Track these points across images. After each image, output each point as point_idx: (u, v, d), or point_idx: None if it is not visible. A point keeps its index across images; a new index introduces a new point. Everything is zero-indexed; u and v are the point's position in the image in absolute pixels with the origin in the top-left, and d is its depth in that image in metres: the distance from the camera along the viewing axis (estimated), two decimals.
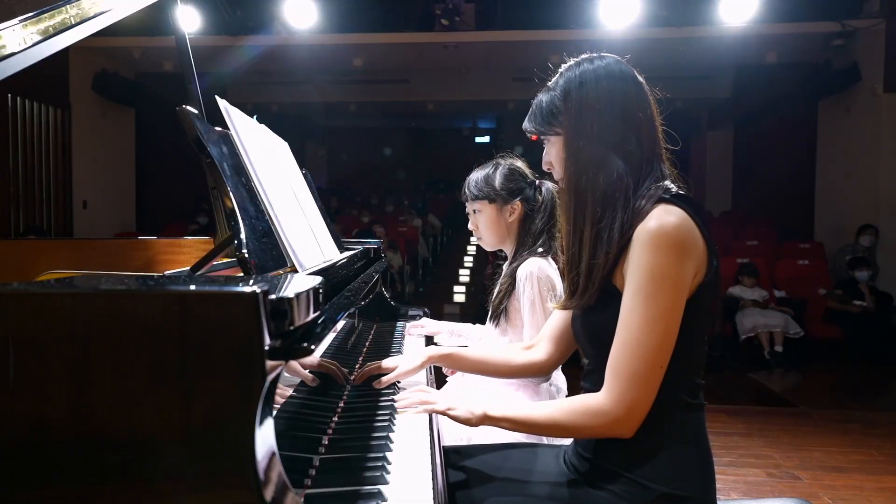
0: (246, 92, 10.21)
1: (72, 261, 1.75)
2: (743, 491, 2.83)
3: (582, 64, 1.13)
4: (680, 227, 0.99)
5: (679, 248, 0.98)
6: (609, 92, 1.09)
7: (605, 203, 1.07)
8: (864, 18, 6.74)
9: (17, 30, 0.86)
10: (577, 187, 1.10)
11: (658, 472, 1.01)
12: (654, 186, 1.05)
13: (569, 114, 1.11)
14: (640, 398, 0.99)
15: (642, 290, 0.98)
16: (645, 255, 0.99)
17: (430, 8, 7.45)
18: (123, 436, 0.59)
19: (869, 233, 6.72)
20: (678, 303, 0.99)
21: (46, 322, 0.58)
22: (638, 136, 1.09)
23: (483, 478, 1.18)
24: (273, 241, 1.05)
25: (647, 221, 1.00)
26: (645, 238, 0.99)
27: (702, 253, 1.01)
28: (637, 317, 0.98)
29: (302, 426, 0.99)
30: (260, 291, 0.60)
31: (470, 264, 10.33)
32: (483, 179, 1.81)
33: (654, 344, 0.97)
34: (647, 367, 0.98)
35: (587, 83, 1.10)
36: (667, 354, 0.99)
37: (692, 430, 1.05)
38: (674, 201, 1.02)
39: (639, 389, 0.98)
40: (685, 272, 0.99)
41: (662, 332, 0.97)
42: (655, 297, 0.97)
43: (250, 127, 1.20)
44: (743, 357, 5.79)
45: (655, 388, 0.99)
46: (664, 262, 0.98)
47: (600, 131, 1.08)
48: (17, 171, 6.92)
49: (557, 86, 1.14)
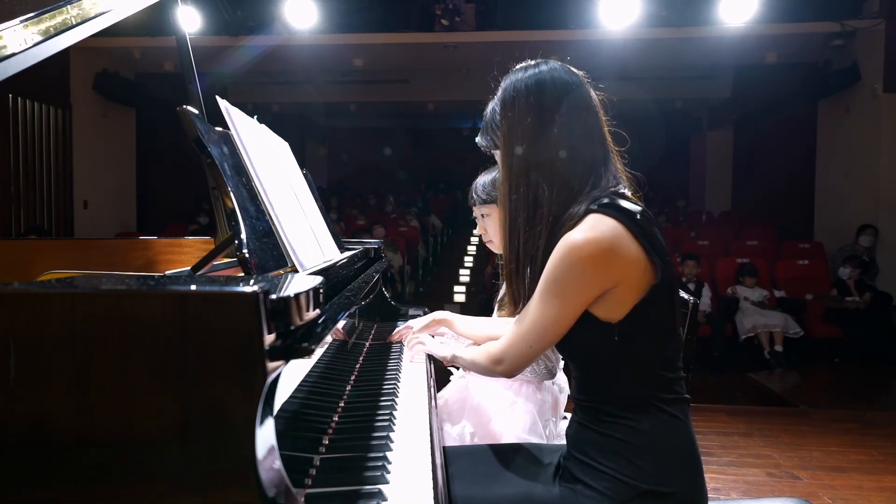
0: (246, 92, 10.21)
1: (72, 261, 1.76)
2: (743, 491, 2.83)
3: (517, 73, 1.14)
4: (598, 242, 1.01)
5: (588, 263, 1.01)
6: (539, 100, 1.10)
7: (535, 220, 1.10)
8: (864, 18, 6.74)
9: (18, 30, 0.86)
10: (509, 203, 1.13)
11: (640, 469, 1.03)
12: (592, 194, 1.07)
13: (501, 128, 1.12)
14: (515, 363, 1.15)
15: (542, 292, 1.06)
16: (554, 261, 1.04)
17: (430, 8, 7.45)
18: (124, 436, 0.59)
19: (869, 233, 6.72)
20: (570, 312, 1.05)
21: (47, 322, 0.58)
22: (577, 144, 1.09)
23: (482, 477, 1.18)
24: (273, 241, 1.05)
25: (570, 233, 1.03)
26: (560, 247, 1.03)
27: (633, 260, 1.02)
28: (532, 310, 1.08)
29: (302, 426, 0.99)
30: (260, 291, 0.60)
31: (470, 264, 10.34)
32: (491, 184, 1.80)
33: (536, 335, 1.08)
34: (525, 347, 1.11)
35: (516, 96, 1.11)
36: (545, 345, 1.09)
37: (672, 426, 1.06)
38: (603, 210, 1.03)
39: (518, 360, 1.14)
40: (587, 286, 1.02)
41: (545, 330, 1.07)
42: (549, 303, 1.05)
43: (251, 127, 1.20)
44: (743, 357, 5.79)
45: (529, 362, 1.16)
46: (567, 275, 1.02)
47: (532, 144, 1.09)
48: (17, 171, 6.92)
49: (496, 97, 1.16)
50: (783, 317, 5.87)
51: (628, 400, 1.07)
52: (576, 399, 1.16)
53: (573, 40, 7.02)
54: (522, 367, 1.17)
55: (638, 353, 1.06)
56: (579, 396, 1.14)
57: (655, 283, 1.04)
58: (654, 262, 1.03)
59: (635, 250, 1.02)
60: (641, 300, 1.03)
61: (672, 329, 1.09)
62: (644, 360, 1.06)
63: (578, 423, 1.14)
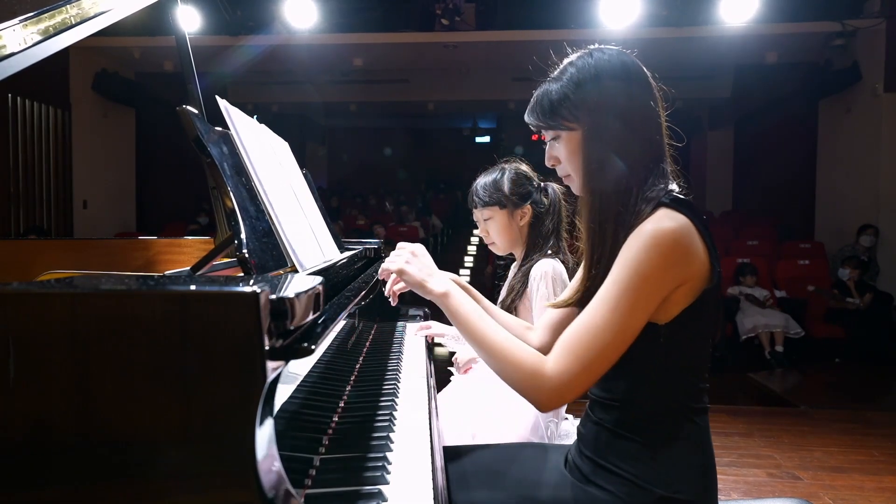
0: (246, 92, 10.22)
1: (72, 261, 1.75)
2: (743, 491, 2.83)
3: (594, 54, 1.08)
4: (676, 233, 0.96)
5: (669, 254, 0.96)
6: (625, 86, 1.05)
7: (625, 203, 1.04)
8: (865, 18, 6.74)
9: (18, 30, 0.86)
10: (597, 187, 1.07)
11: (658, 475, 1.01)
12: (655, 188, 1.03)
13: (584, 107, 1.05)
14: (577, 383, 0.97)
15: (619, 283, 0.96)
16: (633, 251, 0.96)
17: (430, 8, 7.45)
18: (123, 436, 0.59)
19: (869, 233, 6.72)
20: (648, 307, 0.97)
21: (46, 322, 0.58)
22: (646, 134, 1.06)
23: (484, 478, 1.17)
24: (273, 240, 1.05)
25: (646, 223, 0.98)
26: (638, 236, 0.97)
27: (701, 260, 0.99)
28: (605, 307, 0.97)
29: (302, 426, 0.99)
30: (260, 291, 0.60)
31: (470, 264, 10.35)
32: (492, 186, 1.78)
33: (609, 339, 0.96)
34: (598, 357, 0.96)
35: (603, 76, 1.05)
36: (619, 352, 0.97)
37: (695, 434, 1.04)
38: (674, 206, 0.99)
39: (583, 377, 0.97)
40: (667, 279, 0.97)
41: (622, 330, 0.96)
42: (627, 295, 0.95)
43: (250, 127, 1.20)
44: (743, 357, 5.79)
45: (594, 380, 0.98)
46: (649, 264, 0.95)
47: (614, 128, 1.04)
48: (17, 171, 6.92)
49: (566, 76, 1.08)
50: (784, 317, 5.87)
51: (658, 405, 1.03)
52: (598, 397, 1.10)
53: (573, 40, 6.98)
54: (577, 391, 0.98)
55: (678, 358, 1.02)
56: (603, 395, 1.09)
57: (709, 287, 1.00)
58: (713, 264, 1.00)
59: (702, 250, 0.99)
60: (693, 304, 1.00)
61: (711, 337, 1.05)
62: (681, 366, 1.02)
63: (596, 423, 1.09)
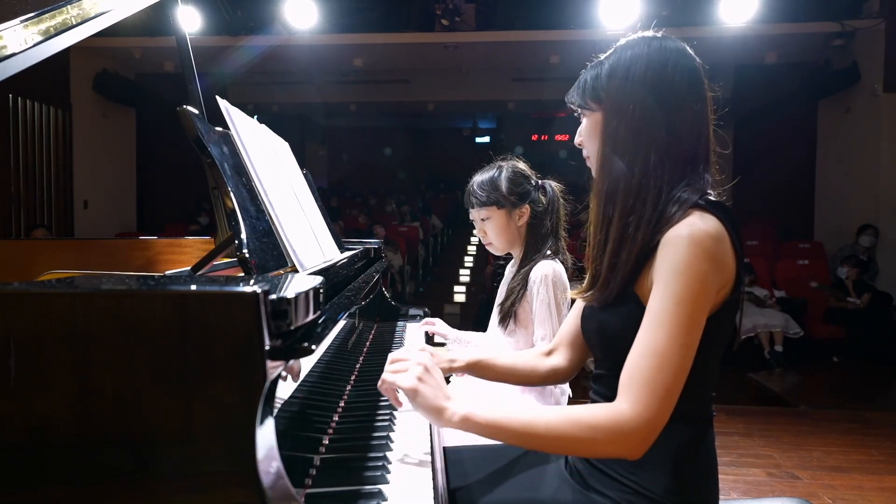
0: (246, 92, 10.22)
1: (72, 261, 1.76)
2: (743, 491, 2.83)
3: (639, 44, 1.06)
4: (714, 237, 0.91)
5: (714, 255, 0.91)
6: (660, 79, 1.01)
7: (637, 194, 0.99)
8: (864, 18, 6.74)
9: (18, 30, 0.87)
10: (609, 171, 1.03)
11: (661, 483, 1.00)
12: (688, 191, 0.97)
13: (610, 92, 1.04)
14: (663, 415, 0.88)
15: (675, 296, 0.89)
16: (676, 260, 0.90)
17: (430, 8, 7.45)
18: (124, 436, 0.59)
19: (869, 233, 6.72)
20: (704, 315, 0.91)
21: (47, 322, 0.58)
22: (682, 133, 1.00)
23: (484, 478, 1.17)
24: (274, 240, 1.05)
25: (679, 227, 0.92)
26: (679, 242, 0.91)
27: (731, 267, 0.94)
28: (668, 324, 0.89)
29: (302, 426, 0.99)
30: (260, 291, 0.60)
31: (470, 264, 10.35)
32: (489, 185, 1.75)
33: (680, 355, 0.89)
34: (673, 380, 0.88)
35: (636, 65, 1.02)
36: (688, 370, 0.90)
37: (699, 443, 1.03)
38: (708, 209, 0.95)
39: (665, 405, 0.88)
40: (713, 285, 0.92)
41: (687, 344, 0.89)
42: (686, 306, 0.89)
43: (251, 127, 1.20)
44: (743, 357, 5.79)
45: (674, 404, 0.89)
46: (698, 268, 0.89)
47: (641, 118, 1.01)
48: (17, 171, 6.92)
49: (607, 61, 1.06)
50: (783, 317, 5.87)
51: None
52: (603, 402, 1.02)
53: (573, 40, 7.03)
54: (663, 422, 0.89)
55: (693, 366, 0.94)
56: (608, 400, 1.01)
57: (732, 295, 0.96)
58: (739, 272, 0.96)
59: (732, 256, 0.94)
60: (715, 311, 0.95)
61: (722, 348, 1.01)
62: (695, 374, 0.94)
63: None
